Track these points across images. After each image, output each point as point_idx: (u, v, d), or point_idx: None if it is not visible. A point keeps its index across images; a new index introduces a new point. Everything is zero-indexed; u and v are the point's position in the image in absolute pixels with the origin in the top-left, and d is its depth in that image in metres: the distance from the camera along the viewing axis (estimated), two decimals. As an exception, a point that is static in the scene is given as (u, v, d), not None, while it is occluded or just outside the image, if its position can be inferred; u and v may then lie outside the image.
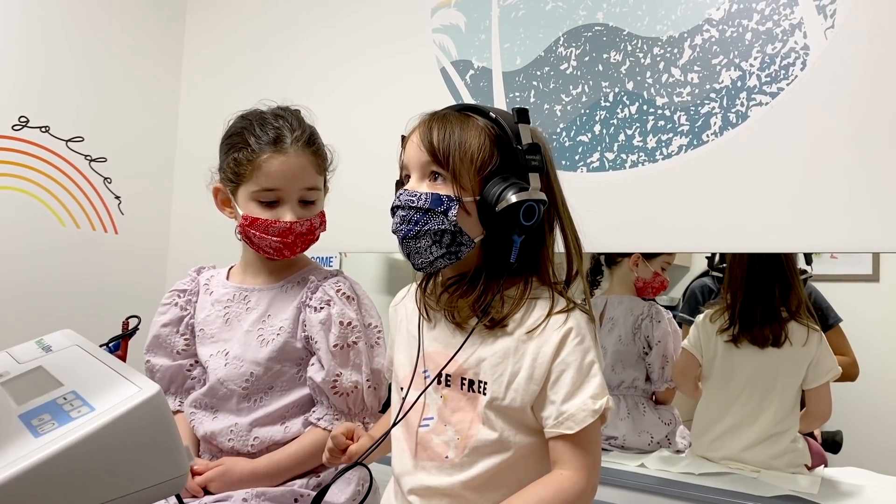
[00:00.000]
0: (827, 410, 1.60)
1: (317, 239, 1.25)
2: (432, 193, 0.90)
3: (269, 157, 1.18)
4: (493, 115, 0.93)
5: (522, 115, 0.92)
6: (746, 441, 1.60)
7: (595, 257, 1.96)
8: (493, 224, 0.90)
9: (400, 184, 0.98)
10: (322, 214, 1.25)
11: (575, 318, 0.91)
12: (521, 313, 0.92)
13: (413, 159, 0.93)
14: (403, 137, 0.98)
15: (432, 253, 0.91)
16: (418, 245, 0.91)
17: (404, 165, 0.96)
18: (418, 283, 1.02)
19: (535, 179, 0.90)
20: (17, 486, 0.57)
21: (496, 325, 0.91)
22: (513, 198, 0.87)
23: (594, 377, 0.88)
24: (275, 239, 1.18)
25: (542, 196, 0.90)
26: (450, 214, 0.89)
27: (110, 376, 0.69)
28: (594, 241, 1.51)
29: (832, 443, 1.76)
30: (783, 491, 1.39)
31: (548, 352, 0.89)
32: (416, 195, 0.91)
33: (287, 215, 1.18)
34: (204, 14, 2.38)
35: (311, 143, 1.23)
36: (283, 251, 1.20)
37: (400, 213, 0.92)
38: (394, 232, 0.94)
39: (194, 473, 1.13)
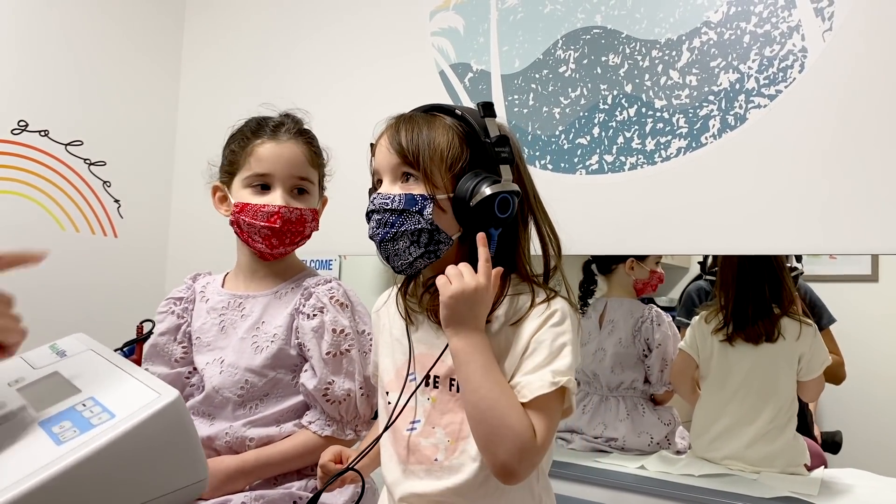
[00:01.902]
0: (816, 393, 1.62)
1: (307, 237, 1.25)
2: (406, 194, 0.90)
3: (262, 142, 1.22)
4: (459, 112, 0.93)
5: (488, 108, 0.92)
6: (746, 439, 1.60)
7: (587, 266, 1.96)
8: (469, 220, 0.90)
9: (373, 190, 0.98)
10: (315, 212, 1.25)
11: (559, 303, 0.91)
12: (503, 309, 0.92)
13: (384, 163, 0.94)
14: (372, 145, 0.98)
15: (411, 254, 0.91)
16: (396, 247, 0.91)
17: (376, 171, 0.97)
18: (399, 286, 1.02)
19: (506, 171, 0.90)
20: (40, 494, 0.57)
21: None
22: (487, 190, 0.87)
23: (563, 358, 0.87)
24: (263, 225, 1.18)
25: (515, 187, 0.91)
26: (425, 213, 0.89)
27: (128, 382, 0.70)
28: (593, 242, 1.53)
29: (832, 443, 1.77)
30: (783, 492, 1.40)
31: (530, 330, 0.89)
32: (389, 197, 0.91)
33: (277, 200, 1.19)
34: (203, 18, 2.38)
35: (305, 134, 1.26)
36: (271, 239, 1.20)
37: (375, 216, 0.92)
38: (371, 237, 0.94)
39: None
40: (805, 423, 1.72)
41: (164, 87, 2.37)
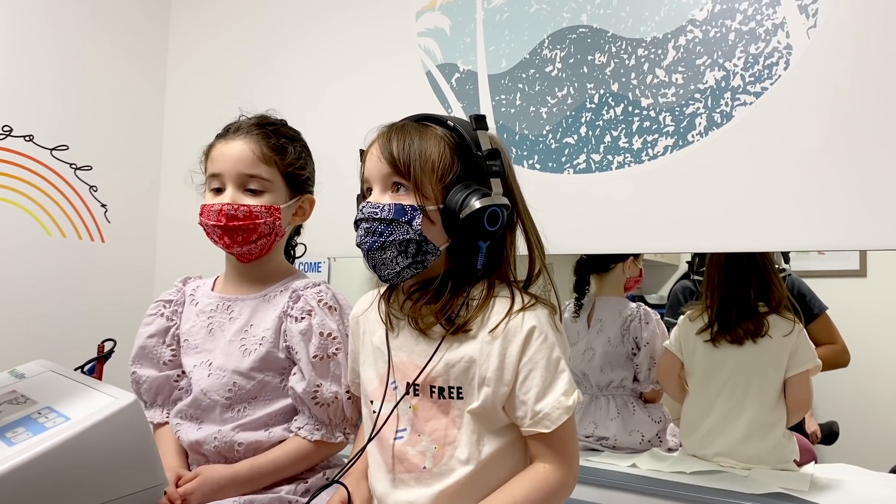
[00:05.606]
0: (807, 400, 1.60)
1: (267, 235, 1.20)
2: (396, 204, 0.90)
3: (214, 143, 1.23)
4: (451, 124, 0.93)
5: (480, 121, 0.92)
6: (735, 436, 1.60)
7: (580, 265, 1.96)
8: (457, 231, 0.90)
9: (362, 198, 0.98)
10: (273, 209, 1.20)
11: (536, 316, 0.91)
12: (482, 314, 0.92)
13: (374, 172, 0.93)
14: (362, 151, 0.98)
15: (398, 263, 0.91)
16: (384, 256, 0.91)
17: (366, 179, 0.96)
18: (381, 293, 1.02)
19: (496, 185, 0.91)
20: None
21: (459, 330, 0.91)
22: (476, 204, 0.87)
23: (563, 373, 0.89)
24: (213, 224, 1.18)
25: (505, 201, 0.91)
26: (414, 224, 0.89)
27: (84, 391, 0.70)
28: (581, 242, 1.53)
29: (829, 433, 1.76)
30: (773, 488, 1.40)
31: (514, 352, 0.89)
32: (379, 206, 0.90)
33: (226, 199, 1.18)
34: (188, 21, 2.37)
35: (260, 130, 1.23)
36: (224, 238, 1.19)
37: (364, 225, 0.92)
38: (358, 245, 0.93)
39: (175, 485, 1.12)
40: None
41: (150, 90, 2.35)
